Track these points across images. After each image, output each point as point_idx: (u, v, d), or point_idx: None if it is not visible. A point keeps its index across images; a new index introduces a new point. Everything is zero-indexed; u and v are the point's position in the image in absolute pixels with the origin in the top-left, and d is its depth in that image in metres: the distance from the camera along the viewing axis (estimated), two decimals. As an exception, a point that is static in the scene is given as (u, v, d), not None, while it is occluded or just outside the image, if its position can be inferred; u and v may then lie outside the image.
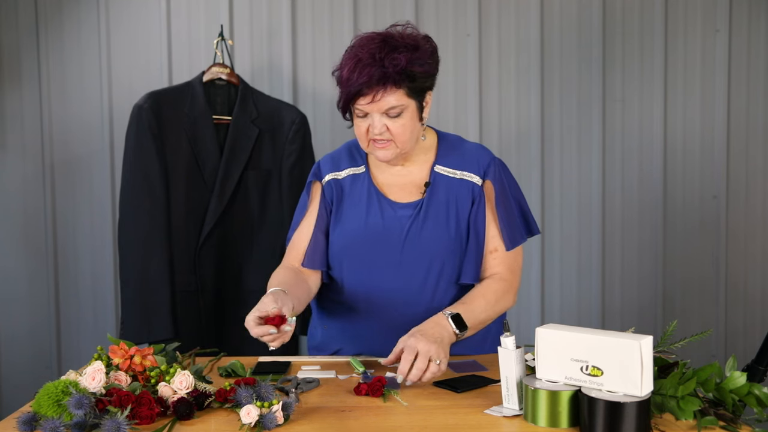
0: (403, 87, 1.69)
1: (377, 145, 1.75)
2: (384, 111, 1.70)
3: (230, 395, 1.40)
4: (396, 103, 1.70)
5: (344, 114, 1.77)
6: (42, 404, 1.33)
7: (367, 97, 1.69)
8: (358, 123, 1.75)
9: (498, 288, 1.79)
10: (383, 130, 1.72)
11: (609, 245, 3.12)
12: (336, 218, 1.86)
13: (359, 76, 1.66)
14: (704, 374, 1.36)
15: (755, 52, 3.12)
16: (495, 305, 1.77)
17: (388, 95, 1.69)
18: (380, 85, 1.67)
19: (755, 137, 3.15)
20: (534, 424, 1.32)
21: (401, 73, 1.67)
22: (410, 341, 1.55)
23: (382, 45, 1.68)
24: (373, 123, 1.72)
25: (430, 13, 3.02)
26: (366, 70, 1.66)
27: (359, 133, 1.76)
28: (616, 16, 3.07)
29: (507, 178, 1.86)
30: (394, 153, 1.76)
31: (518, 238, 1.84)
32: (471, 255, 1.80)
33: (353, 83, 1.67)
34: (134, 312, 2.42)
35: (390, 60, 1.66)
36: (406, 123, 1.73)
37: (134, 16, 2.95)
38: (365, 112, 1.72)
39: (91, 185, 2.98)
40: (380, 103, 1.69)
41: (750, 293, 3.19)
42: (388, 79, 1.67)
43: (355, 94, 1.69)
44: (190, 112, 2.51)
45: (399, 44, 1.69)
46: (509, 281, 1.81)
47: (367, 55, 1.67)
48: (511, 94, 3.06)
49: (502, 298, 1.79)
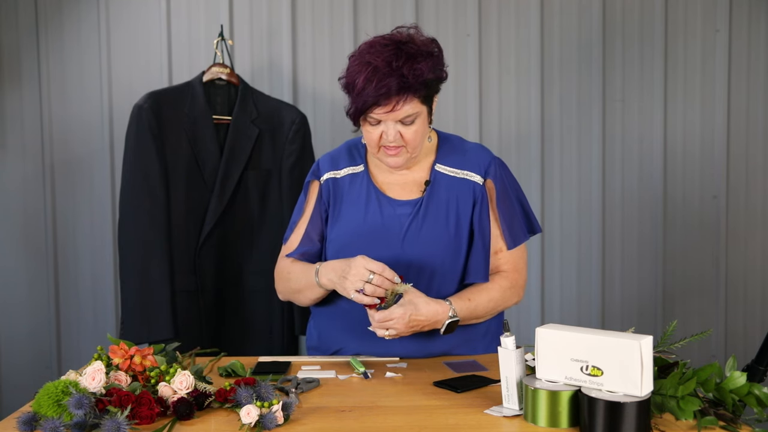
0: (419, 95, 1.69)
1: (389, 152, 1.75)
2: (400, 119, 1.70)
3: (230, 395, 1.40)
4: (412, 111, 1.69)
5: (356, 123, 1.75)
6: (42, 404, 1.33)
7: (386, 107, 1.67)
8: (370, 130, 1.73)
9: (502, 285, 1.82)
10: (397, 137, 1.72)
11: (609, 245, 3.12)
12: (334, 217, 1.86)
13: (378, 87, 1.64)
14: (704, 374, 1.36)
15: (755, 52, 3.12)
16: (497, 303, 1.81)
17: (407, 105, 1.68)
18: (400, 95, 1.65)
19: (755, 137, 3.15)
20: (534, 424, 1.32)
21: (422, 83, 1.67)
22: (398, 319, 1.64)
23: (397, 52, 1.66)
24: (387, 131, 1.71)
25: (430, 13, 3.02)
26: (385, 80, 1.64)
27: (370, 140, 1.75)
28: (616, 16, 3.07)
29: (507, 177, 1.86)
30: (405, 159, 1.76)
31: (520, 237, 1.85)
32: (478, 255, 1.80)
33: (370, 94, 1.65)
34: (134, 312, 2.41)
35: (410, 70, 1.64)
36: (418, 129, 1.73)
37: (134, 16, 2.95)
38: (379, 120, 1.71)
39: (91, 185, 2.98)
40: (398, 113, 1.68)
41: (750, 293, 3.19)
42: (409, 89, 1.65)
43: (372, 104, 1.66)
44: (190, 112, 2.51)
45: (415, 51, 1.67)
46: (513, 279, 1.84)
47: (383, 63, 1.64)
48: (511, 94, 3.06)
49: (505, 297, 1.82)
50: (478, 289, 1.79)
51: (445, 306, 1.70)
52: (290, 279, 1.87)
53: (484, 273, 1.80)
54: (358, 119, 1.73)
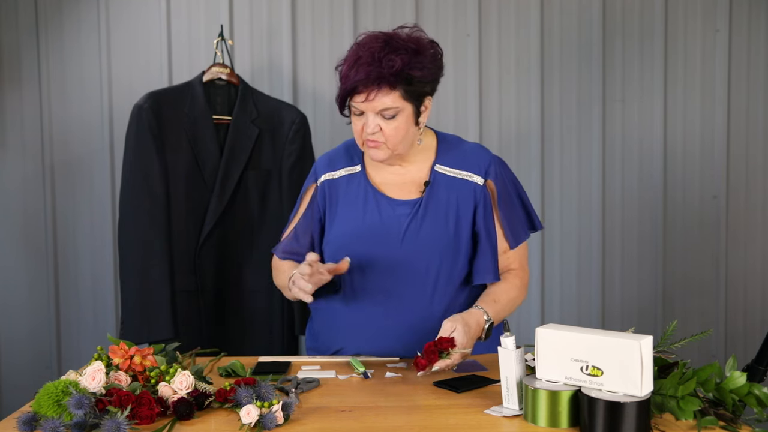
0: (398, 89, 1.70)
1: (370, 144, 1.76)
2: (378, 111, 1.71)
3: (230, 395, 1.40)
4: (391, 104, 1.71)
5: (341, 109, 1.78)
6: (42, 404, 1.33)
7: (362, 95, 1.70)
8: (354, 120, 1.77)
9: (517, 285, 1.86)
10: (376, 130, 1.73)
11: (609, 245, 3.12)
12: (331, 218, 1.87)
13: (356, 74, 1.68)
14: (704, 374, 1.36)
15: (755, 52, 3.12)
16: (515, 302, 1.85)
17: (383, 96, 1.69)
18: (375, 85, 1.68)
19: (755, 137, 3.15)
20: (534, 424, 1.32)
21: (396, 75, 1.68)
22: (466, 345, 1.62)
23: (383, 45, 1.69)
24: (367, 122, 1.73)
25: (430, 13, 3.02)
26: (363, 68, 1.68)
27: (355, 131, 1.78)
28: (616, 16, 3.07)
29: (507, 175, 1.87)
30: (385, 154, 1.77)
31: (522, 236, 1.87)
32: (486, 255, 1.81)
33: (350, 80, 1.69)
34: (134, 312, 2.41)
35: (387, 61, 1.67)
36: (399, 126, 1.73)
37: (134, 16, 2.95)
38: (361, 110, 1.73)
39: (91, 185, 2.98)
40: (374, 103, 1.70)
41: (750, 293, 3.18)
42: (383, 79, 1.68)
43: (351, 90, 1.71)
44: (190, 112, 2.51)
45: (400, 46, 1.70)
46: (523, 278, 1.89)
47: (367, 53, 1.69)
48: (511, 94, 3.06)
49: (521, 296, 1.87)
50: (500, 290, 1.81)
51: (480, 313, 1.72)
52: (278, 277, 1.94)
53: (494, 273, 1.82)
54: (342, 105, 1.77)
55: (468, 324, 1.65)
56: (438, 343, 1.55)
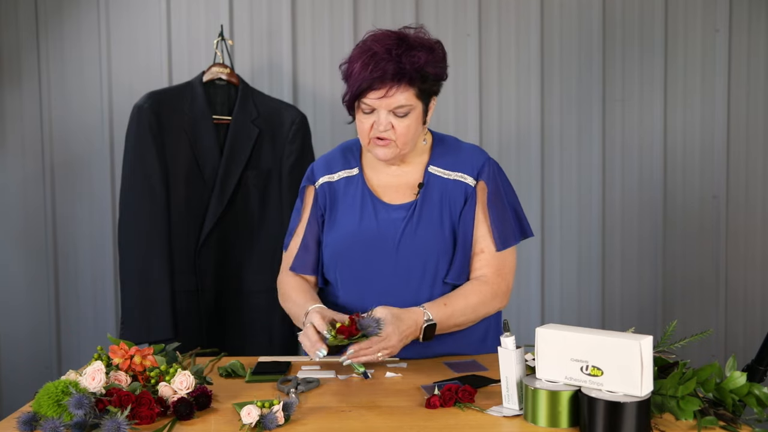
0: (415, 87, 1.70)
1: (378, 143, 1.74)
2: (392, 108, 1.70)
3: (354, 327, 1.50)
4: (405, 102, 1.70)
5: (349, 109, 1.76)
6: (42, 404, 1.33)
7: (379, 92, 1.68)
8: (362, 119, 1.74)
9: (482, 291, 1.78)
10: (388, 127, 1.71)
11: (609, 245, 3.12)
12: (330, 222, 1.86)
13: (374, 71, 1.66)
14: (704, 374, 1.36)
15: (755, 52, 3.12)
16: (476, 309, 1.77)
17: (400, 93, 1.68)
18: (394, 81, 1.67)
19: (755, 137, 3.15)
20: (534, 424, 1.32)
21: (417, 72, 1.68)
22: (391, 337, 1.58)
23: (398, 42, 1.68)
24: (379, 119, 1.71)
25: (430, 13, 3.02)
26: (381, 64, 1.66)
27: (361, 129, 1.75)
28: (616, 16, 3.07)
29: (501, 179, 1.85)
30: (393, 153, 1.76)
31: (510, 240, 1.82)
32: (458, 255, 1.79)
33: (365, 77, 1.66)
34: (134, 312, 2.41)
35: (408, 57, 1.66)
36: (410, 124, 1.73)
37: (134, 16, 2.95)
38: (372, 108, 1.71)
39: (91, 185, 2.98)
40: (390, 100, 1.69)
41: (750, 294, 3.18)
42: (404, 75, 1.67)
43: (367, 88, 1.68)
44: (190, 112, 2.51)
45: (416, 44, 1.70)
46: (495, 285, 1.79)
47: (383, 50, 1.67)
48: (511, 94, 3.06)
49: (485, 303, 1.78)
50: (455, 295, 1.77)
51: (419, 312, 1.68)
52: (287, 304, 1.87)
53: (458, 273, 1.79)
54: (353, 104, 1.74)
55: (400, 318, 1.62)
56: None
